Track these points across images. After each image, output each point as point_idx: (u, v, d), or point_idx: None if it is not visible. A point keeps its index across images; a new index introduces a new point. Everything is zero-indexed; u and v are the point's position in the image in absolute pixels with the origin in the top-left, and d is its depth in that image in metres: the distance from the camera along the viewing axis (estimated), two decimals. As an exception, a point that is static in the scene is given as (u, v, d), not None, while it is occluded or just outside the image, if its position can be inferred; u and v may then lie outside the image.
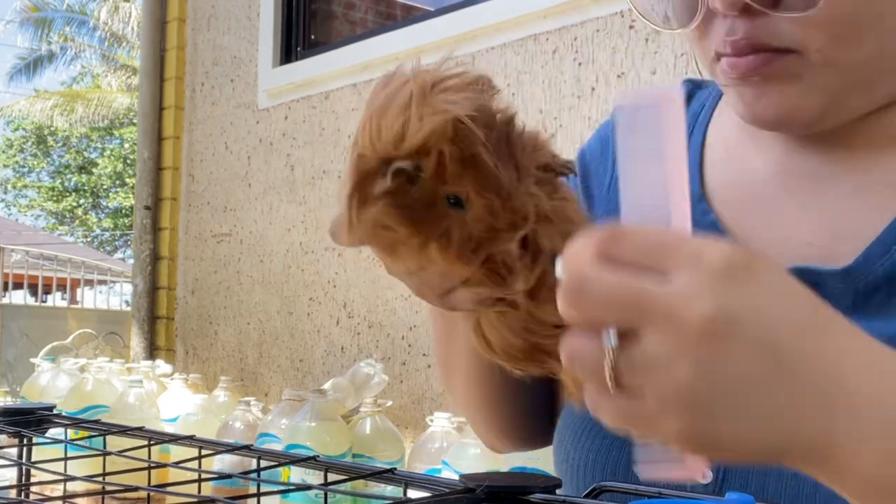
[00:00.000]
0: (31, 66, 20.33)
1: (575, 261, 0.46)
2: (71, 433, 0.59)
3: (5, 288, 8.01)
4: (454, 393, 0.83)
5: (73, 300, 10.40)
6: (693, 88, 0.82)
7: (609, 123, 0.84)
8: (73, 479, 0.45)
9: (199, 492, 0.46)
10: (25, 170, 23.69)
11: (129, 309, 4.47)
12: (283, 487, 1.24)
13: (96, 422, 0.57)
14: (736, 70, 0.65)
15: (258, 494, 0.43)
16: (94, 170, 23.13)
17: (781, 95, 0.66)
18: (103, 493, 0.49)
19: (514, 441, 0.85)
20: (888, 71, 0.66)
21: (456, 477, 0.37)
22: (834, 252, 0.67)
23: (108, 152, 23.18)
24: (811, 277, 0.63)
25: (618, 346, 0.44)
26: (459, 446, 1.74)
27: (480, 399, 0.80)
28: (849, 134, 0.69)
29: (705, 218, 0.73)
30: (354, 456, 1.87)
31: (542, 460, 1.48)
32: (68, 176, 23.37)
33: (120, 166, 22.61)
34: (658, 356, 0.44)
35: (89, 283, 8.71)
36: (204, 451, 0.50)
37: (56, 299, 9.73)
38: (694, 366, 0.43)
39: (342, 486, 0.42)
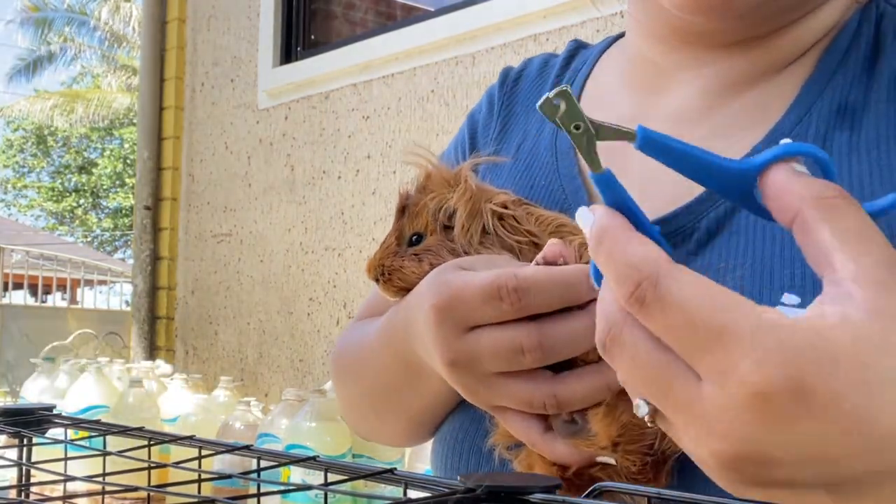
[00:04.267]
0: (31, 66, 20.33)
1: (611, 309, 0.42)
2: (71, 433, 0.59)
3: (5, 288, 8.00)
4: (375, 424, 0.78)
5: (73, 300, 10.40)
6: (577, 47, 0.84)
7: (494, 85, 0.86)
8: (73, 479, 0.45)
9: (199, 492, 0.46)
10: (25, 170, 23.70)
11: (129, 309, 4.46)
12: (283, 487, 1.24)
13: (96, 422, 0.57)
14: None
15: (258, 494, 0.43)
16: (94, 170, 23.14)
17: None
18: (103, 493, 0.49)
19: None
20: None
21: (456, 477, 0.37)
22: (687, 193, 0.64)
23: (108, 152, 23.19)
24: (665, 228, 0.61)
25: (649, 417, 0.42)
26: (459, 446, 1.73)
27: (415, 432, 0.76)
28: (727, 61, 0.67)
29: (571, 170, 0.72)
30: (354, 456, 1.87)
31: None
32: (68, 176, 23.38)
33: (120, 166, 22.62)
34: (686, 446, 0.41)
35: (89, 283, 8.71)
36: (204, 452, 0.50)
37: (56, 299, 9.73)
38: None
39: (342, 486, 0.42)
